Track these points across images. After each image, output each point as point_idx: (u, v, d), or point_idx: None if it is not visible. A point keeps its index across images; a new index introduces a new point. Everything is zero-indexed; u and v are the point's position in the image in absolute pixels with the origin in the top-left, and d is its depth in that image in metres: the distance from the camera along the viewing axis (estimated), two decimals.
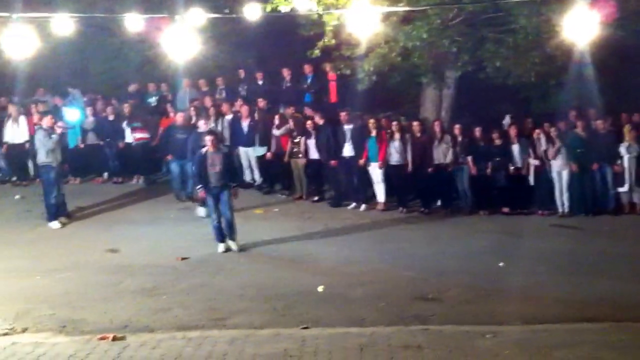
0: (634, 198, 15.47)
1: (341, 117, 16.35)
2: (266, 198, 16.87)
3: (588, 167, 15.37)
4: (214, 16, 15.42)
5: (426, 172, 15.72)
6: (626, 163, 15.27)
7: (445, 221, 15.13)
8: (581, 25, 11.49)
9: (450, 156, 15.59)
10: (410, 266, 11.65)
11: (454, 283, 10.65)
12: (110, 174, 18.69)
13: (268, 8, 14.09)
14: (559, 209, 15.45)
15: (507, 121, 17.04)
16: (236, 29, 19.21)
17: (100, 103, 19.25)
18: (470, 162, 15.57)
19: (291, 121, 16.90)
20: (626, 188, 15.34)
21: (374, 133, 15.84)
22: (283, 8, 14.18)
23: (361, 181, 16.18)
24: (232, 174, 12.88)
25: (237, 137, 17.36)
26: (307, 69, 18.54)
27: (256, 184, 17.55)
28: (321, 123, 16.50)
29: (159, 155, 18.50)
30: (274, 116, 17.27)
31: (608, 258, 12.14)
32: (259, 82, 19.35)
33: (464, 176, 15.63)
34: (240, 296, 10.15)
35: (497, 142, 15.62)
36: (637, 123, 15.95)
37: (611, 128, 15.80)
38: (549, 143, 15.43)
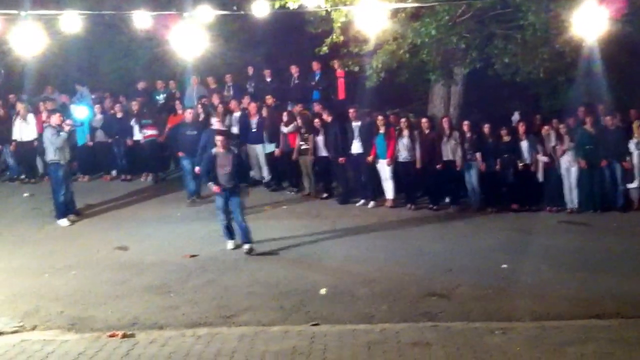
0: None
1: (349, 114, 16.29)
2: (274, 195, 16.86)
3: (597, 164, 15.28)
4: (222, 13, 15.37)
5: (435, 169, 15.67)
6: (635, 159, 15.21)
7: (453, 218, 15.08)
8: (590, 21, 11.42)
9: (459, 153, 15.55)
10: (418, 263, 11.66)
11: (463, 280, 10.65)
12: (118, 172, 18.74)
13: (276, 5, 14.05)
14: (568, 206, 15.39)
15: (516, 118, 17.00)
16: (244, 27, 19.25)
17: (108, 101, 19.33)
18: (479, 159, 15.53)
19: (299, 118, 16.89)
20: (635, 184, 15.27)
21: (383, 130, 15.80)
22: (291, 5, 14.15)
23: (369, 178, 16.14)
24: (243, 175, 12.71)
25: (246, 135, 17.37)
26: (315, 66, 18.55)
27: (264, 182, 17.56)
28: (329, 120, 16.48)
29: (167, 152, 18.57)
30: (282, 113, 17.26)
31: (617, 255, 12.10)
32: (267, 80, 19.39)
33: (473, 173, 15.56)
34: (248, 293, 10.16)
35: (506, 139, 15.55)
36: None
37: (620, 124, 15.69)
38: (558, 139, 15.38)
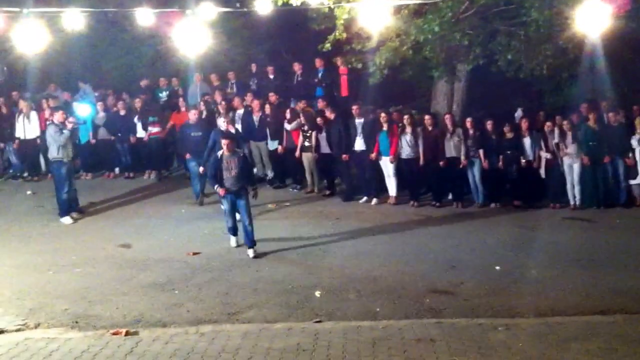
0: None
1: (352, 111, 16.27)
2: (278, 193, 16.88)
3: (600, 160, 15.26)
4: (225, 10, 15.40)
5: (438, 166, 15.65)
6: (638, 156, 15.16)
7: (456, 215, 15.08)
8: (593, 17, 11.42)
9: (462, 150, 15.54)
10: (422, 260, 11.67)
11: (467, 276, 10.67)
12: (121, 169, 18.78)
13: (279, 2, 14.05)
14: (571, 202, 15.38)
15: (519, 114, 17.00)
16: (247, 24, 19.26)
17: (111, 98, 19.32)
18: (482, 156, 15.52)
19: (302, 116, 16.87)
20: (638, 180, 15.23)
21: (386, 127, 15.77)
22: (294, 2, 14.13)
23: (373, 175, 16.14)
24: (250, 177, 12.61)
25: (249, 132, 17.33)
26: (319, 63, 18.51)
27: (268, 179, 17.56)
28: (332, 117, 16.44)
29: (170, 150, 18.56)
30: (285, 110, 17.26)
31: (620, 251, 12.11)
32: (270, 77, 19.34)
33: (476, 169, 15.56)
34: (252, 290, 10.16)
35: (509, 136, 15.53)
36: None
37: (623, 120, 15.67)
38: (561, 136, 15.37)
